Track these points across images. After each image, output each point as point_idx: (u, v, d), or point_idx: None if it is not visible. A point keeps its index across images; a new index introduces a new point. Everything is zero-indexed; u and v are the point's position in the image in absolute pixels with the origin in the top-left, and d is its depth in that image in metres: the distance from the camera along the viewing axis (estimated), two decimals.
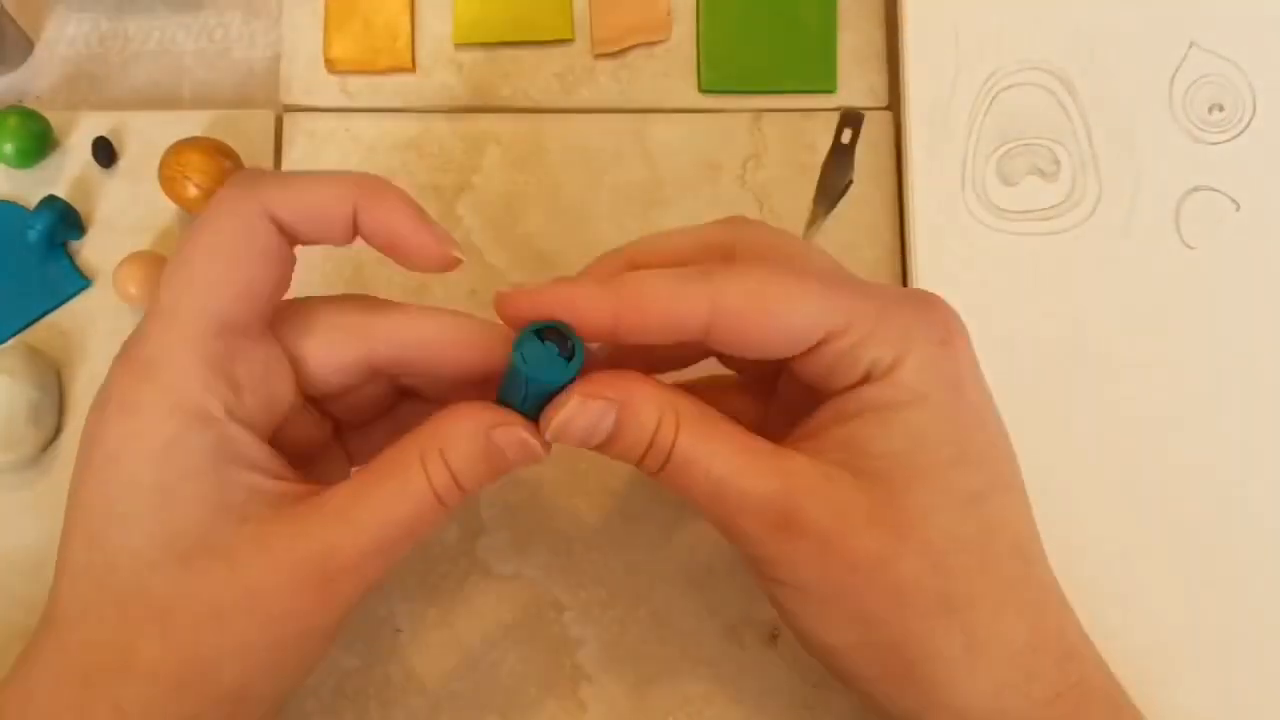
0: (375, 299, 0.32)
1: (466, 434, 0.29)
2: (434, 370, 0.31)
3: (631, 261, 0.32)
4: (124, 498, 0.28)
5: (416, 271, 0.31)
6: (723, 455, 0.29)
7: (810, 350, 0.29)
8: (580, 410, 0.29)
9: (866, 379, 0.29)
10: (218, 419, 0.28)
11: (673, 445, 0.29)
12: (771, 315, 0.29)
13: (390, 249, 0.30)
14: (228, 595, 0.28)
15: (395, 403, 0.34)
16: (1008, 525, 0.30)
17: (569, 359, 0.29)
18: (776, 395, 0.34)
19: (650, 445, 0.29)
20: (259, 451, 0.29)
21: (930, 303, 0.31)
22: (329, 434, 0.33)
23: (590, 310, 0.29)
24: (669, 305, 0.29)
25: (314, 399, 0.32)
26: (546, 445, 0.30)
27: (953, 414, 0.30)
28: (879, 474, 0.29)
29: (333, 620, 0.30)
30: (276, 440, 0.30)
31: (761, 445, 0.29)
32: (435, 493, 0.29)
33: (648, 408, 0.29)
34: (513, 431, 0.29)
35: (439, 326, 0.31)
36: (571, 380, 0.29)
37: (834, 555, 0.29)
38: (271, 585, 0.28)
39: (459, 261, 0.30)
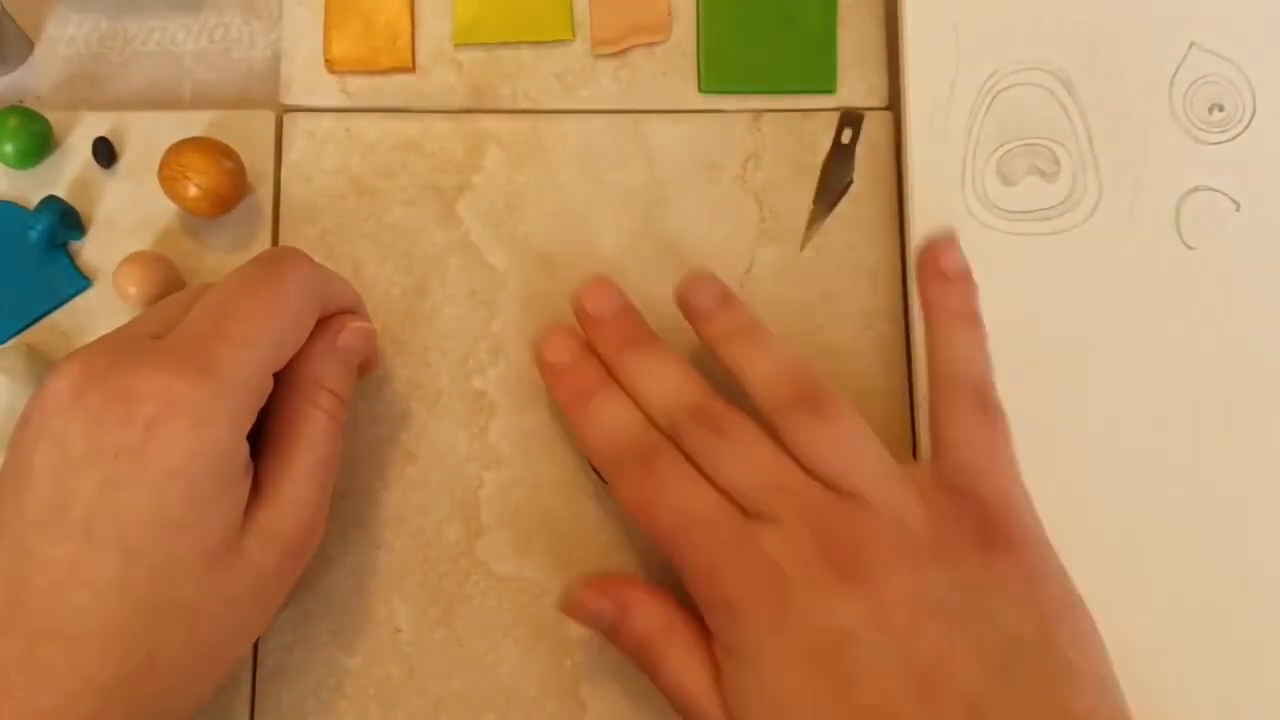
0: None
1: (328, 358, 0.34)
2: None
3: None
4: (177, 507, 0.30)
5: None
6: (697, 687, 0.33)
7: None
8: (582, 598, 0.34)
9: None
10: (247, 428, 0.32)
11: (659, 662, 0.33)
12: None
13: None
14: (242, 586, 0.31)
15: None
16: None
17: None
18: None
19: (640, 651, 0.34)
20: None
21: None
22: None
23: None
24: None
25: None
26: (373, 328, 0.36)
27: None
28: None
29: (301, 570, 0.34)
30: None
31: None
32: (331, 417, 0.34)
33: (643, 621, 0.34)
34: (350, 330, 0.35)
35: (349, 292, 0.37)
36: None
37: None
38: (272, 567, 0.32)
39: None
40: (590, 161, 0.41)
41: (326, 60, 0.41)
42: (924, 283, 0.37)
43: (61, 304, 0.39)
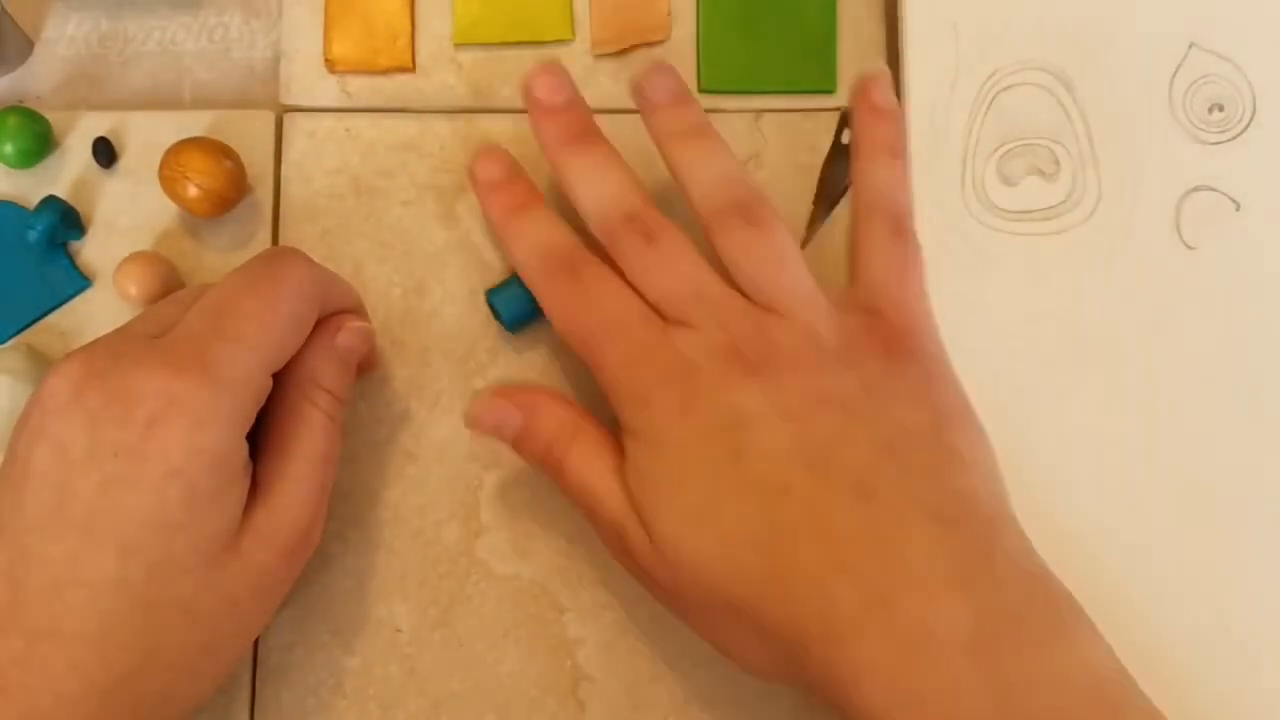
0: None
1: (325, 356, 0.34)
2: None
3: None
4: (176, 507, 0.30)
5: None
6: (599, 478, 0.34)
7: None
8: (488, 407, 0.35)
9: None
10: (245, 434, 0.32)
11: (562, 460, 0.35)
12: None
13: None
14: (241, 584, 0.31)
15: None
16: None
17: None
18: None
19: (545, 454, 0.35)
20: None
21: None
22: None
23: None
24: None
25: None
26: (372, 329, 0.36)
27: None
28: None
29: (299, 569, 0.34)
30: None
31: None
32: (329, 417, 0.34)
33: (548, 422, 0.35)
34: (348, 330, 0.35)
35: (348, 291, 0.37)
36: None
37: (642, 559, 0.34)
38: (270, 565, 0.32)
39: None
40: None
41: (326, 60, 0.41)
42: (855, 115, 0.39)
43: (61, 304, 0.39)
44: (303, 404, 0.34)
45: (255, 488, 0.32)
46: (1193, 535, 0.38)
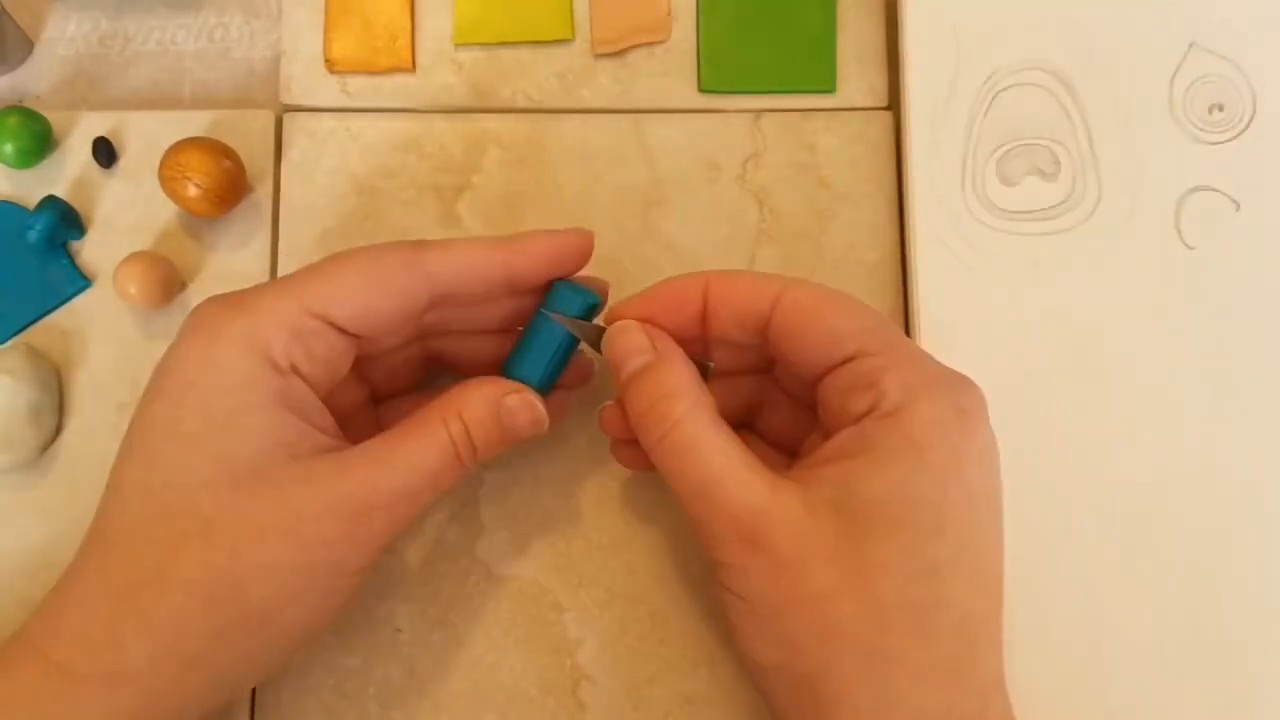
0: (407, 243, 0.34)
1: (481, 398, 0.33)
2: (473, 291, 0.34)
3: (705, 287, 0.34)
4: (192, 419, 0.31)
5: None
6: (722, 454, 0.31)
7: (838, 366, 0.32)
8: (624, 333, 0.33)
9: (872, 410, 0.31)
10: (286, 371, 0.32)
11: (678, 422, 0.31)
12: (825, 315, 0.32)
13: (556, 267, 0.34)
14: (271, 518, 0.31)
15: (423, 375, 0.38)
16: (958, 604, 0.30)
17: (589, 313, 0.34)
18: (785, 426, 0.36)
19: (660, 409, 0.32)
20: (315, 407, 0.33)
21: (962, 378, 0.32)
22: (365, 399, 0.36)
23: (684, 298, 0.33)
24: (749, 290, 0.33)
25: (358, 362, 0.35)
26: (544, 417, 0.34)
27: (943, 484, 0.30)
28: (857, 517, 0.30)
29: (361, 557, 0.32)
30: (326, 402, 0.34)
31: (757, 463, 0.31)
32: (455, 446, 0.32)
33: (673, 373, 0.32)
34: (523, 397, 0.33)
35: (474, 248, 0.34)
36: (585, 335, 0.34)
37: (784, 579, 0.30)
38: (312, 513, 0.31)
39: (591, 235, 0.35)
40: (590, 161, 0.41)
41: (326, 60, 0.41)
42: None
43: (61, 304, 0.39)
44: (434, 418, 0.33)
45: (346, 450, 0.32)
46: (1192, 533, 0.38)
